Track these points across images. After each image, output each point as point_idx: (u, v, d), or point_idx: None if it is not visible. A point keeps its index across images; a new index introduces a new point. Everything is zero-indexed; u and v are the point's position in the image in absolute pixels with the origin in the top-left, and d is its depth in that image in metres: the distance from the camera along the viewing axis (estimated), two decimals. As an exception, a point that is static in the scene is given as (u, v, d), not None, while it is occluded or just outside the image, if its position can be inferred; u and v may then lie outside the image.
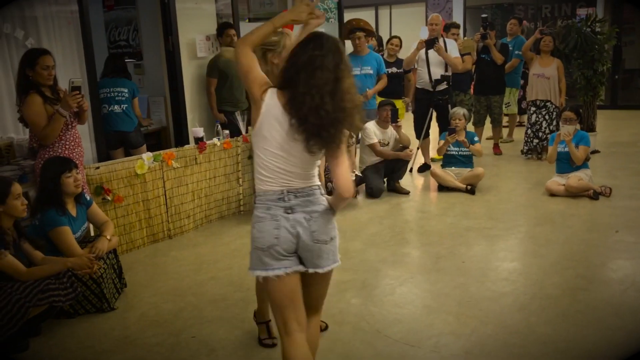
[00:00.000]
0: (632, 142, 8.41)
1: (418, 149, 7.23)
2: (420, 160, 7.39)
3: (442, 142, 6.42)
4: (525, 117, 9.54)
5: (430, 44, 6.80)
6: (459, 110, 6.40)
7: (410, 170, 7.07)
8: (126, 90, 5.82)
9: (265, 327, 3.31)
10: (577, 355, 3.05)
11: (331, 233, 2.40)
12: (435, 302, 3.72)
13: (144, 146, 5.90)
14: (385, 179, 6.46)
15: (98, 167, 4.63)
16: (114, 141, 5.69)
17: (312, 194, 2.35)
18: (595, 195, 5.72)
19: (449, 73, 6.97)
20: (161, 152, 5.10)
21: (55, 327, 3.59)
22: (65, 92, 3.99)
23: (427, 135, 7.21)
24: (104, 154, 5.29)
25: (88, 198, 4.02)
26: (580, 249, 4.51)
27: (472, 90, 8.13)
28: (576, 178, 5.82)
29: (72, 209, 3.81)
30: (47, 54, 3.99)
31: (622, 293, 3.73)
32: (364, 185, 6.26)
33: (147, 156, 4.94)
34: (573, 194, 5.79)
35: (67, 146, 4.08)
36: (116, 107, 5.76)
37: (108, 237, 3.88)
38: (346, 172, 2.29)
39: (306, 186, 2.35)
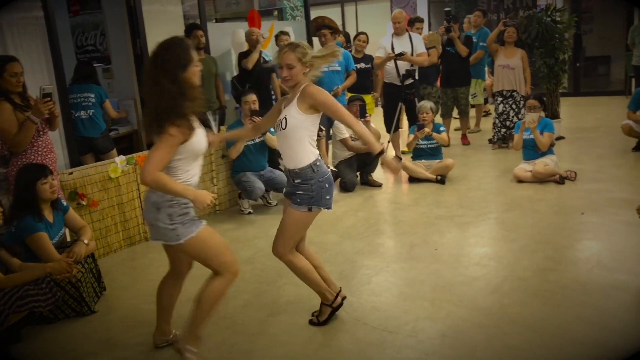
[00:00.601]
0: (595, 127, 8.64)
1: (389, 142, 7.33)
2: (391, 153, 7.50)
3: (412, 136, 6.53)
4: (490, 107, 9.77)
5: (399, 55, 6.89)
6: (426, 104, 6.52)
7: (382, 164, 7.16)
8: (93, 96, 5.76)
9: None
10: (548, 331, 3.17)
11: (150, 217, 2.81)
12: (410, 289, 3.83)
13: (114, 151, 5.87)
14: (358, 173, 6.56)
15: (71, 173, 4.63)
16: (82, 147, 5.62)
17: None
18: (561, 180, 5.90)
19: (414, 67, 7.08)
20: (134, 155, 5.12)
21: (36, 333, 3.59)
22: (36, 99, 3.99)
23: (397, 128, 7.33)
24: (76, 160, 5.25)
25: (65, 204, 4.02)
26: (548, 232, 4.66)
27: (438, 83, 8.28)
28: (542, 164, 5.99)
29: (49, 215, 3.81)
30: (15, 61, 3.98)
31: (589, 271, 3.89)
32: (338, 179, 6.34)
33: (120, 160, 4.96)
34: (540, 179, 5.96)
35: (39, 153, 4.07)
36: (82, 112, 5.72)
37: (85, 241, 3.88)
38: (147, 161, 2.64)
39: None
